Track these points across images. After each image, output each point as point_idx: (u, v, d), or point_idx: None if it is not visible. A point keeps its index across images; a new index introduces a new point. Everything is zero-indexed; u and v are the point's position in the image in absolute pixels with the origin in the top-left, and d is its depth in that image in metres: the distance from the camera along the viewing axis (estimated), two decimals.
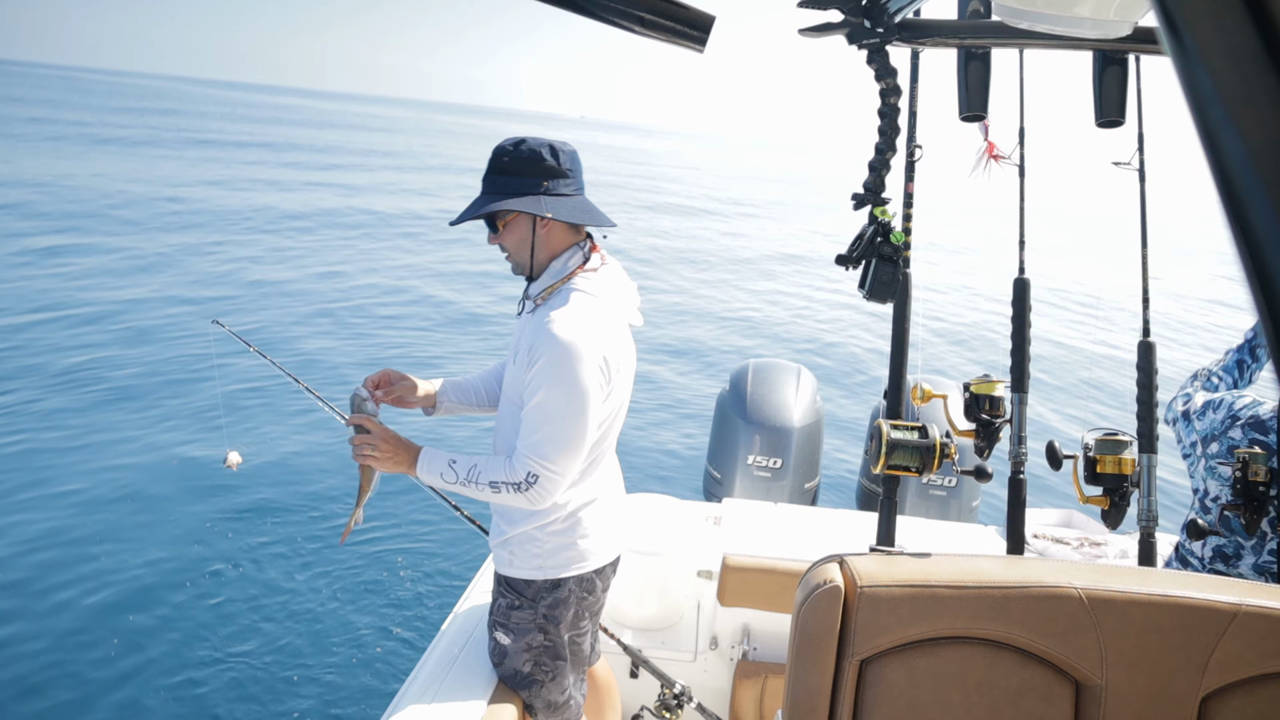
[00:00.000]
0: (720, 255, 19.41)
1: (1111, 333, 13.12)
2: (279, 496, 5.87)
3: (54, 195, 16.97)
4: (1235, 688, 1.47)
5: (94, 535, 5.18)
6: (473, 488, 1.96)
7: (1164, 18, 0.27)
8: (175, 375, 8.01)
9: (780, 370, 3.94)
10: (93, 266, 11.84)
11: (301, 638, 4.37)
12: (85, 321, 9.41)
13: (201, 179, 22.07)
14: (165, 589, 4.69)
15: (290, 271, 12.86)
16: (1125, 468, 2.11)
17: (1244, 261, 0.26)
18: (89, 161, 22.84)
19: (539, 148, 1.94)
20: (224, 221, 16.24)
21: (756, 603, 2.69)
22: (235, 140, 39.19)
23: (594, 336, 1.89)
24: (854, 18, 1.95)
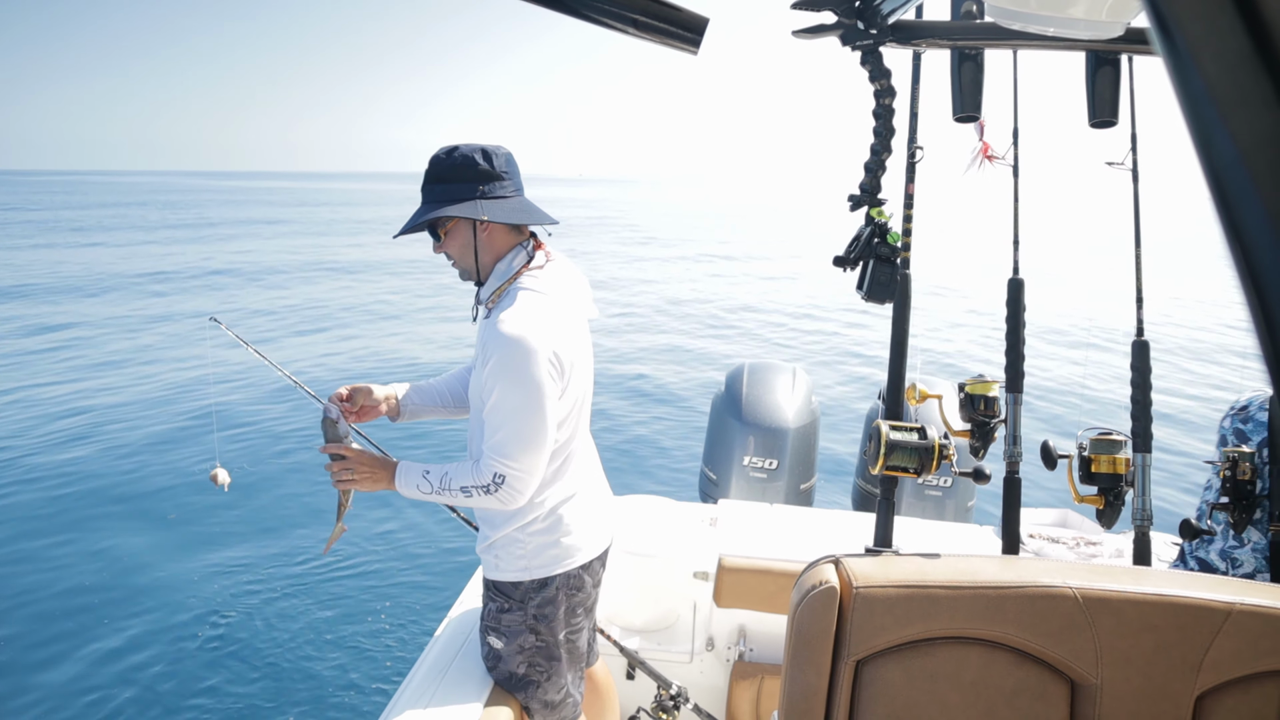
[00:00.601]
0: (716, 256, 19.44)
1: (1105, 332, 13.16)
2: (273, 499, 5.85)
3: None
4: (1230, 686, 1.48)
5: (89, 537, 5.16)
6: (447, 495, 1.97)
7: (1156, 18, 0.27)
8: (172, 372, 7.99)
9: (775, 371, 3.94)
10: (86, 271, 11.81)
11: (295, 644, 4.35)
12: (82, 317, 9.38)
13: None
14: (157, 595, 4.68)
15: (285, 271, 12.84)
16: (1120, 467, 2.11)
17: (1236, 261, 0.26)
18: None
19: (471, 153, 1.97)
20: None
21: (753, 604, 2.69)
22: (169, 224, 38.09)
23: (542, 332, 1.90)
24: (847, 19, 1.95)
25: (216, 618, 4.51)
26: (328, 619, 4.57)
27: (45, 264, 15.91)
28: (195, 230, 35.09)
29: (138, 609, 4.53)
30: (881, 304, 2.15)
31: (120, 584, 4.74)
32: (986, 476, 2.02)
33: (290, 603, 4.69)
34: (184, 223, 39.40)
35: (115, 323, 10.10)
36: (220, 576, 4.88)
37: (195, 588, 4.77)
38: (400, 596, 4.85)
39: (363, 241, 23.24)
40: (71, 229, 34.65)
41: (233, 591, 4.76)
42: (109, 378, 8.20)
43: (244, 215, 46.58)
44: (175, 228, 35.60)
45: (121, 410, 7.34)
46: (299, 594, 4.78)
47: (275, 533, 5.43)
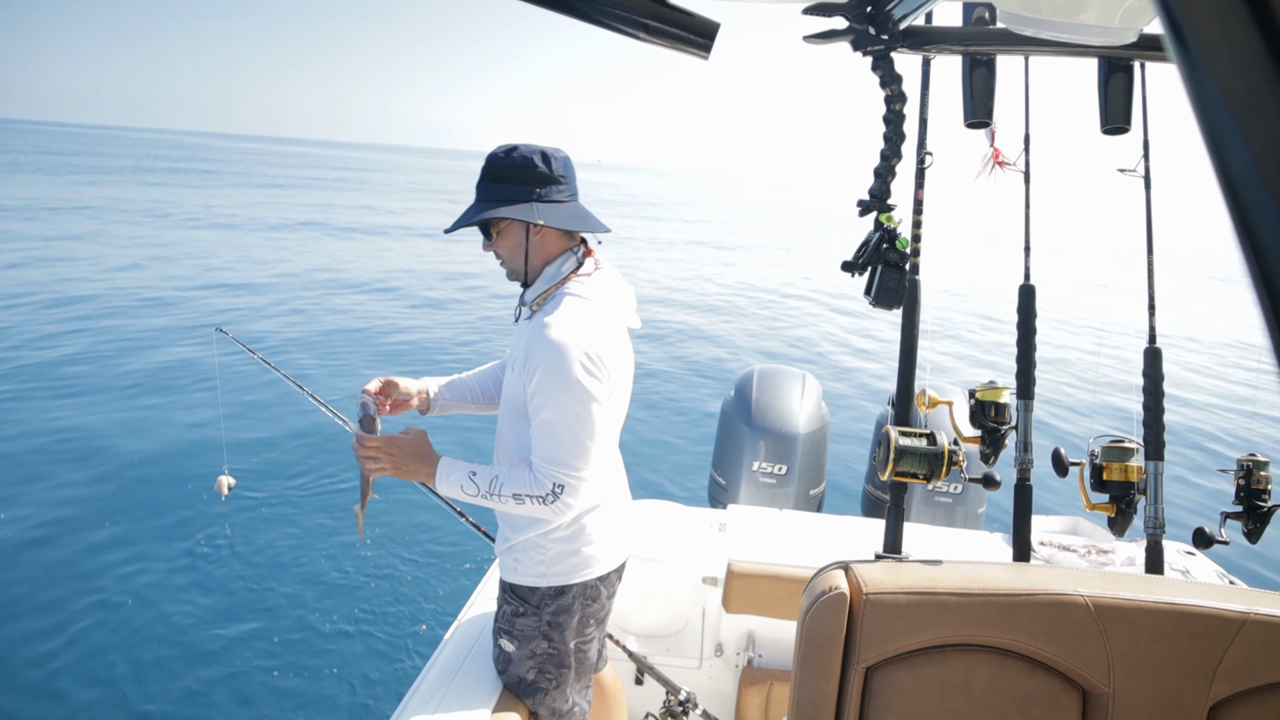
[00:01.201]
0: (728, 261, 19.42)
1: (1118, 339, 13.09)
2: (283, 503, 5.88)
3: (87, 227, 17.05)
4: (1243, 696, 1.46)
5: (98, 540, 5.19)
6: (495, 500, 1.95)
7: (1169, 24, 0.27)
8: (179, 381, 8.03)
9: (785, 376, 3.94)
10: (100, 267, 11.90)
11: (305, 645, 4.37)
12: (86, 320, 9.45)
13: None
14: (167, 596, 4.70)
15: (289, 277, 12.89)
16: (1132, 475, 2.10)
17: (1250, 268, 0.26)
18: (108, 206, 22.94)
19: (531, 154, 1.94)
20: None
21: (762, 609, 2.68)
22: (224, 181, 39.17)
23: (588, 339, 1.89)
24: (859, 25, 1.95)
25: (226, 619, 4.52)
26: (339, 621, 4.58)
27: (104, 200, 16.08)
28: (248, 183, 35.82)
29: (145, 608, 4.55)
30: (890, 310, 2.14)
31: (126, 586, 4.76)
32: (997, 483, 2.01)
33: (301, 604, 4.70)
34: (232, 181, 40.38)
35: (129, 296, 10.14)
36: (229, 579, 4.90)
37: (203, 590, 4.79)
38: (412, 598, 4.86)
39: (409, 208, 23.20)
40: (115, 178, 35.19)
41: (242, 593, 4.77)
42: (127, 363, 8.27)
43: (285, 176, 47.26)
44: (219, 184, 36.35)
45: (128, 403, 7.38)
46: (310, 596, 4.79)
47: (284, 536, 5.45)
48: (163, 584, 4.79)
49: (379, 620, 4.63)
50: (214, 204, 22.77)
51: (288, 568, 5.08)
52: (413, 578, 5.08)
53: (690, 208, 35.66)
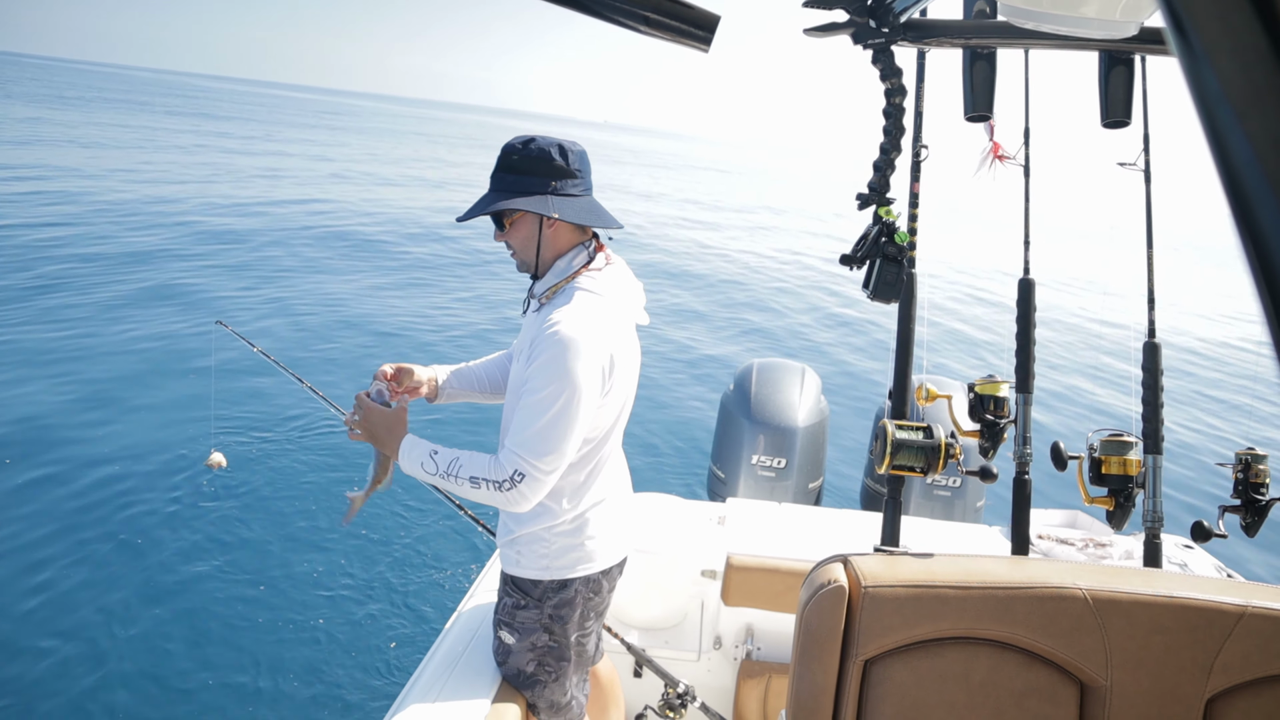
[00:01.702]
0: (726, 254, 19.42)
1: (1117, 333, 13.11)
2: (280, 495, 5.88)
3: (62, 186, 17.02)
4: (1241, 689, 1.47)
5: (92, 535, 5.19)
6: (452, 481, 1.93)
7: (1170, 18, 0.27)
8: (177, 374, 8.03)
9: (784, 370, 3.94)
10: (95, 262, 11.88)
11: (304, 636, 4.37)
12: (83, 313, 9.44)
13: (210, 170, 22.08)
14: (164, 589, 4.70)
15: (294, 275, 12.89)
16: (1130, 469, 2.10)
17: (1251, 262, 0.26)
18: (99, 153, 22.91)
19: (548, 147, 1.94)
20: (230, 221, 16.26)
21: (760, 602, 2.69)
22: (246, 133, 39.53)
23: (595, 334, 1.88)
24: (859, 18, 1.94)
25: (225, 611, 4.53)
26: (339, 612, 4.58)
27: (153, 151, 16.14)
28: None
29: (136, 598, 4.56)
30: (888, 303, 2.15)
31: (123, 578, 4.76)
32: (993, 475, 2.01)
33: (299, 595, 4.71)
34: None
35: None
36: (223, 569, 4.91)
37: (197, 580, 4.79)
38: (411, 589, 4.86)
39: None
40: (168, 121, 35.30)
41: (240, 585, 4.78)
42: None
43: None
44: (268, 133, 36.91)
45: (122, 393, 7.38)
46: (307, 586, 4.80)
47: (282, 526, 5.45)
48: (155, 574, 4.79)
49: (378, 610, 4.64)
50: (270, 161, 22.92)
51: (284, 559, 5.08)
52: (412, 568, 5.09)
53: (693, 172, 35.69)
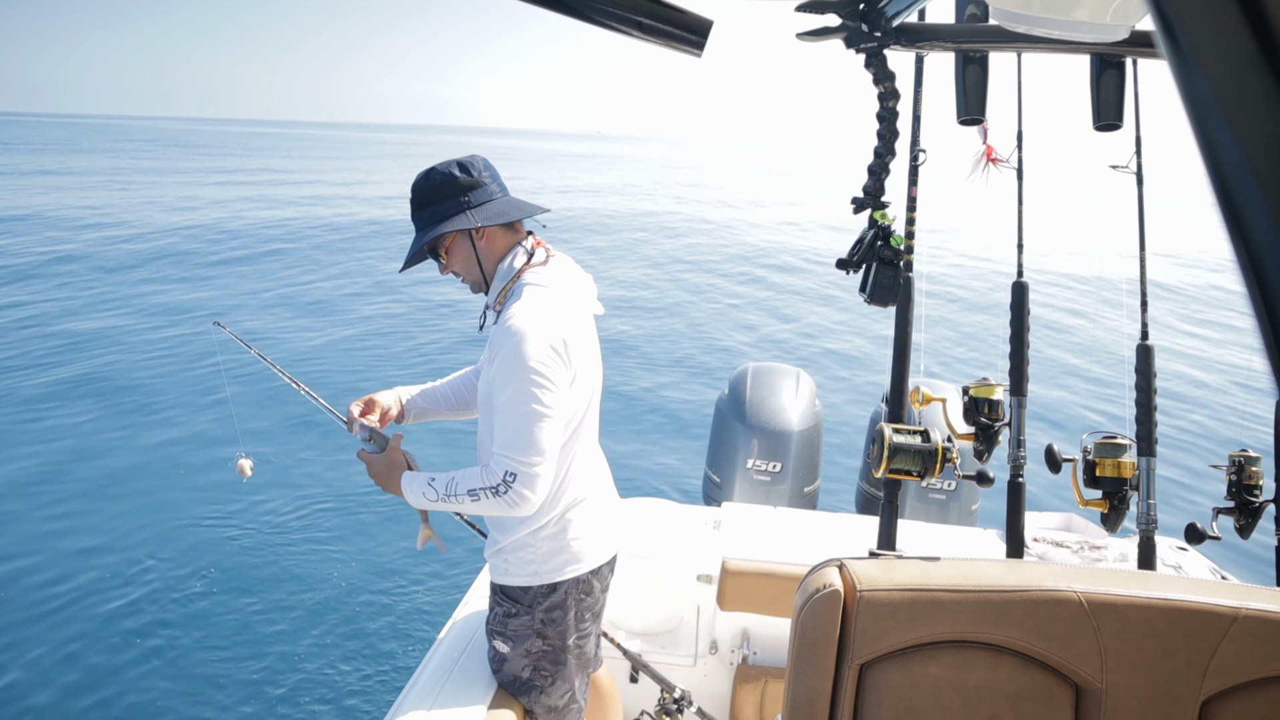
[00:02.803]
0: (719, 254, 19.43)
1: (1110, 336, 13.15)
2: (278, 502, 5.86)
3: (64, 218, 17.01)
4: (1235, 691, 1.47)
5: (96, 540, 5.17)
6: (454, 501, 1.98)
7: (1161, 21, 0.27)
8: (177, 377, 8.01)
9: (779, 374, 3.94)
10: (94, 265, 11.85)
11: (299, 644, 4.36)
12: (84, 320, 9.41)
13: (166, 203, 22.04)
14: (163, 595, 4.69)
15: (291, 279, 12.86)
16: (1124, 471, 2.11)
17: (1241, 264, 0.26)
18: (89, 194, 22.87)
19: (448, 169, 2.01)
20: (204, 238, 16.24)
21: (756, 607, 2.68)
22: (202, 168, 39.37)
23: (544, 321, 1.91)
24: (851, 22, 1.95)
25: (217, 618, 4.51)
26: (333, 620, 4.57)
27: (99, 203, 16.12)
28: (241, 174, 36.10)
29: (137, 613, 4.54)
30: (884, 307, 2.15)
31: (120, 587, 4.74)
32: (990, 479, 2.01)
33: (294, 603, 4.69)
34: (222, 168, 40.58)
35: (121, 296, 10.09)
36: (221, 576, 4.89)
37: (194, 588, 4.77)
38: (405, 598, 4.85)
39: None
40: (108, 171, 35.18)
41: (233, 591, 4.76)
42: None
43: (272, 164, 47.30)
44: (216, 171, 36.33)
45: (126, 394, 7.36)
46: (302, 594, 4.78)
47: (276, 534, 5.43)
48: (150, 585, 4.77)
49: (371, 618, 4.63)
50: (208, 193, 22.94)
51: (275, 566, 5.06)
52: (406, 575, 5.07)
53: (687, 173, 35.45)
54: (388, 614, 4.69)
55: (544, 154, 75.74)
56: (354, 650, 4.34)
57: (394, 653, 4.35)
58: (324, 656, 4.27)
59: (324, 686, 4.06)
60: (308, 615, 4.60)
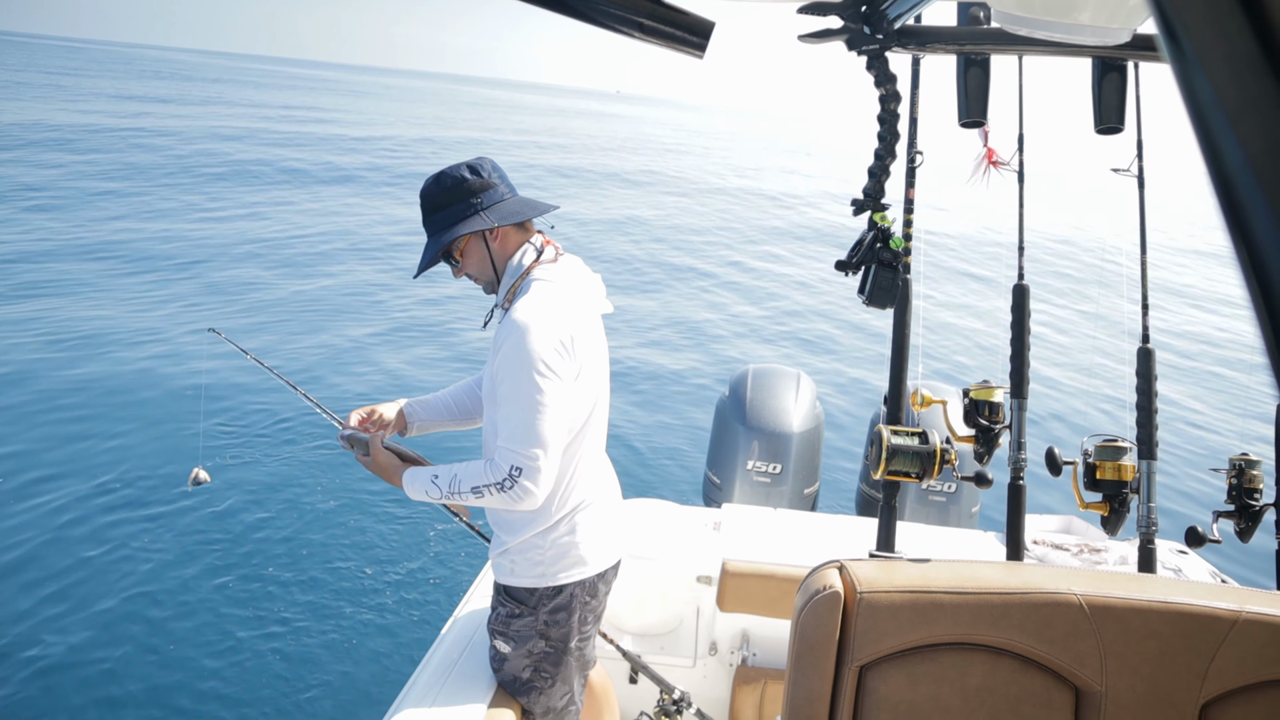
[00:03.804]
0: (723, 255, 19.43)
1: (1110, 339, 13.16)
2: (276, 503, 5.86)
3: (55, 166, 16.97)
4: (1235, 694, 1.47)
5: (87, 543, 5.16)
6: (458, 497, 1.98)
7: (1163, 24, 0.27)
8: (171, 382, 8.01)
9: (779, 376, 3.94)
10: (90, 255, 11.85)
11: (299, 644, 4.36)
12: (76, 323, 9.41)
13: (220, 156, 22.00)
14: (160, 596, 4.68)
15: (292, 282, 12.87)
16: (1125, 474, 2.11)
17: (1244, 268, 0.26)
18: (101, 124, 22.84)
19: (457, 172, 2.02)
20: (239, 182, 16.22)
21: (756, 608, 2.68)
22: (253, 107, 39.62)
23: (548, 315, 1.91)
24: (853, 24, 1.95)
25: (217, 618, 4.51)
26: (333, 619, 4.57)
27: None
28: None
29: (134, 608, 4.54)
30: (884, 309, 2.15)
31: (119, 586, 4.74)
32: (988, 481, 2.02)
33: (293, 603, 4.69)
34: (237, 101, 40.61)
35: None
36: (219, 578, 4.89)
37: (193, 590, 4.77)
38: (405, 597, 4.85)
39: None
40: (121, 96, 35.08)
41: (232, 593, 4.76)
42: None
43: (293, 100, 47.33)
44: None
45: (116, 395, 7.36)
46: (303, 595, 4.78)
47: (275, 533, 5.43)
48: (148, 587, 4.77)
49: (372, 617, 4.62)
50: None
51: (278, 566, 5.06)
52: (407, 575, 5.07)
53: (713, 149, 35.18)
54: (388, 613, 4.69)
55: (575, 111, 75.21)
56: (354, 648, 4.34)
57: (394, 651, 4.35)
58: (324, 655, 4.27)
59: (324, 684, 4.06)
60: (307, 614, 4.60)
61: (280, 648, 4.31)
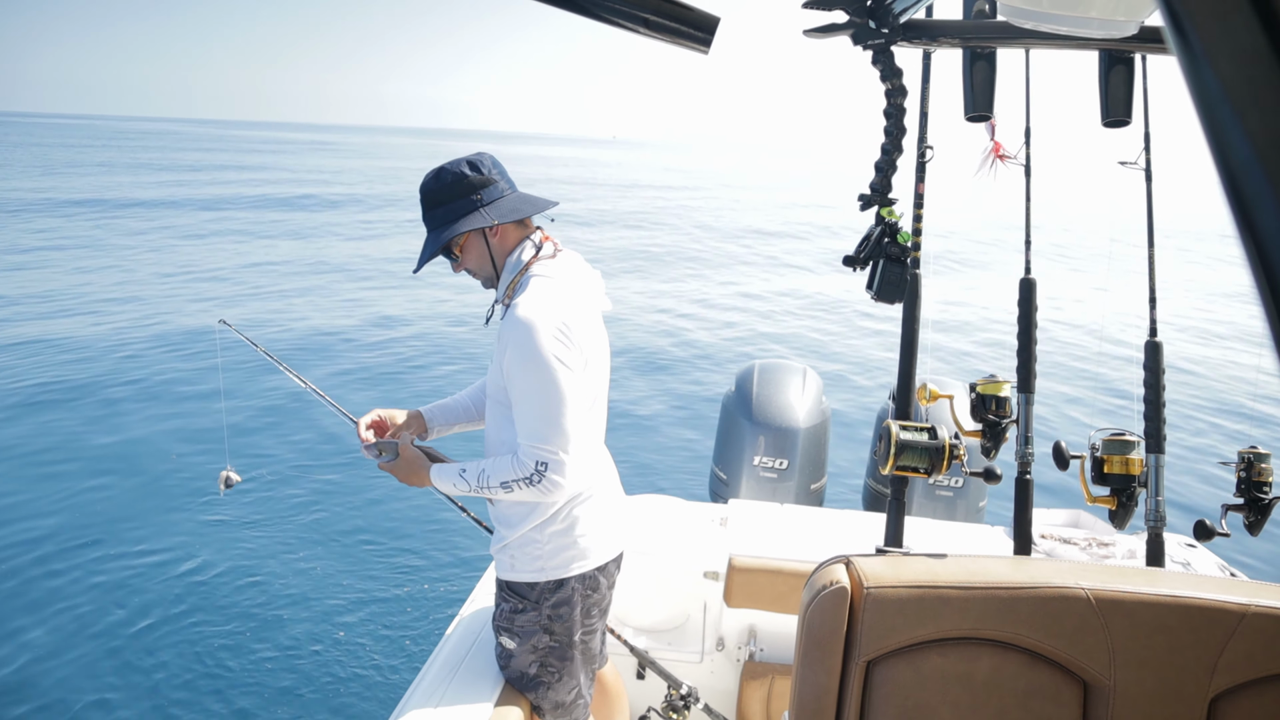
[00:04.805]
0: (727, 256, 19.42)
1: (1118, 333, 13.10)
2: (283, 499, 5.88)
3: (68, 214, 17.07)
4: (1244, 688, 1.47)
5: (95, 539, 5.19)
6: (487, 492, 2.00)
7: (1170, 17, 0.27)
8: (180, 376, 8.03)
9: (786, 371, 3.94)
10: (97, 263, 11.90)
11: (307, 641, 4.38)
12: (87, 316, 9.45)
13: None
14: (169, 594, 4.71)
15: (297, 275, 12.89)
16: (1133, 468, 2.10)
17: (1251, 260, 0.26)
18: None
19: (457, 168, 2.03)
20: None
21: (763, 604, 2.68)
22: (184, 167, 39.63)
23: (554, 310, 1.92)
24: (859, 18, 1.94)
25: (225, 615, 4.53)
26: (340, 617, 4.58)
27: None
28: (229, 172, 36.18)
29: (143, 604, 4.56)
30: (892, 304, 2.14)
31: (123, 587, 4.77)
32: (997, 476, 2.01)
33: (303, 600, 4.71)
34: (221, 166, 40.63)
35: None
36: (228, 575, 4.91)
37: (202, 586, 4.80)
38: (413, 593, 4.86)
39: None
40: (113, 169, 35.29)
41: (241, 589, 4.78)
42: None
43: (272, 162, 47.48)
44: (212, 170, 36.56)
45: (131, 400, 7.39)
46: (310, 591, 4.80)
47: (283, 531, 5.45)
48: (156, 585, 4.80)
49: (380, 615, 4.64)
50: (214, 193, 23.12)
51: (288, 563, 5.08)
52: (414, 572, 5.09)
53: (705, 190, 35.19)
54: (395, 610, 4.70)
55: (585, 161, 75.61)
56: (360, 646, 4.36)
57: (401, 649, 4.37)
58: (331, 653, 4.29)
59: (331, 682, 4.07)
60: (314, 612, 4.62)
61: (284, 645, 4.33)
